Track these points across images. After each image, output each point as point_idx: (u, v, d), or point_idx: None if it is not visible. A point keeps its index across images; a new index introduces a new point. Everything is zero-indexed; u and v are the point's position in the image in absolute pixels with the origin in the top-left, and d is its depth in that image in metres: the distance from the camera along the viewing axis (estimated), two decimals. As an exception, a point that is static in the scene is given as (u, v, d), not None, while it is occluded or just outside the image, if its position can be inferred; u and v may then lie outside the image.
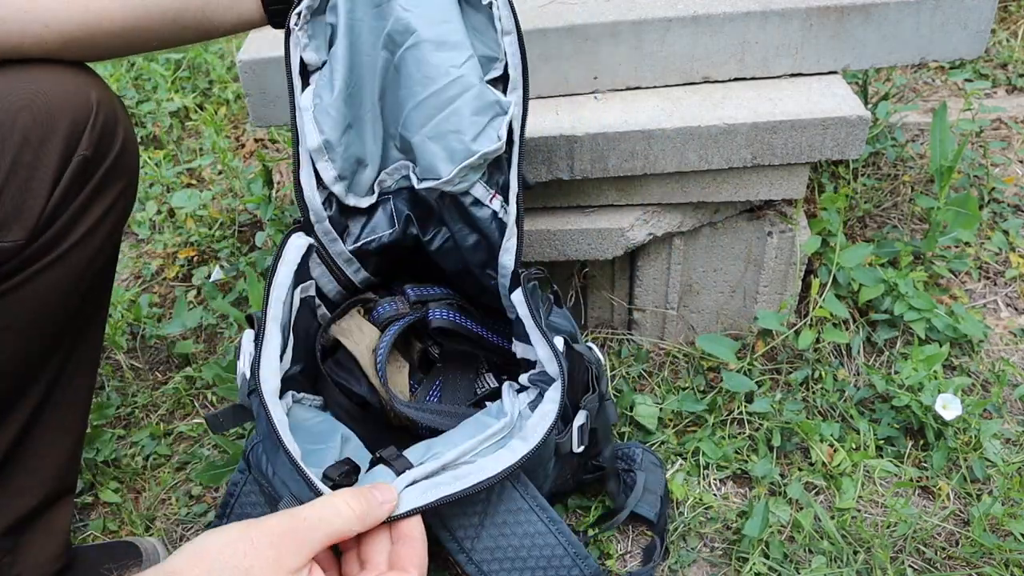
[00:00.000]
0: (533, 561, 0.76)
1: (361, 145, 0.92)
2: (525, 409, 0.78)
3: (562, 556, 0.76)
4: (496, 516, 0.75)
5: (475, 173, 0.88)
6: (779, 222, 1.17)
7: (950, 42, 1.08)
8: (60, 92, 0.78)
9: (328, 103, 0.88)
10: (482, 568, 0.75)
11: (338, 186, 0.93)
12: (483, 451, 0.74)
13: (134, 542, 1.06)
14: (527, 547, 0.76)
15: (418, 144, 0.89)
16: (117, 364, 1.37)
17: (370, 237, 0.98)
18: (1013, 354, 1.24)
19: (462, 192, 0.90)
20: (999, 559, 0.97)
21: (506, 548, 0.75)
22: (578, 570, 0.77)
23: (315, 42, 0.87)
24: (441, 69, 0.85)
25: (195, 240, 1.58)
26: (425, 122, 0.87)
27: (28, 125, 0.75)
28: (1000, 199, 1.46)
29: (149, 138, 1.91)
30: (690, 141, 1.05)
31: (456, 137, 0.86)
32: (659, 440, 1.15)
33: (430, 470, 0.72)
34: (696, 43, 1.08)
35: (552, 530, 0.76)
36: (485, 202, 0.90)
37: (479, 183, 0.89)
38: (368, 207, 0.97)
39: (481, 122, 0.86)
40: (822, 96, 1.06)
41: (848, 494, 1.05)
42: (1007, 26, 1.88)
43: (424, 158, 0.89)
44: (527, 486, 0.76)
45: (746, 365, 1.20)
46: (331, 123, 0.88)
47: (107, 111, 0.82)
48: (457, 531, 0.74)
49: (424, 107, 0.87)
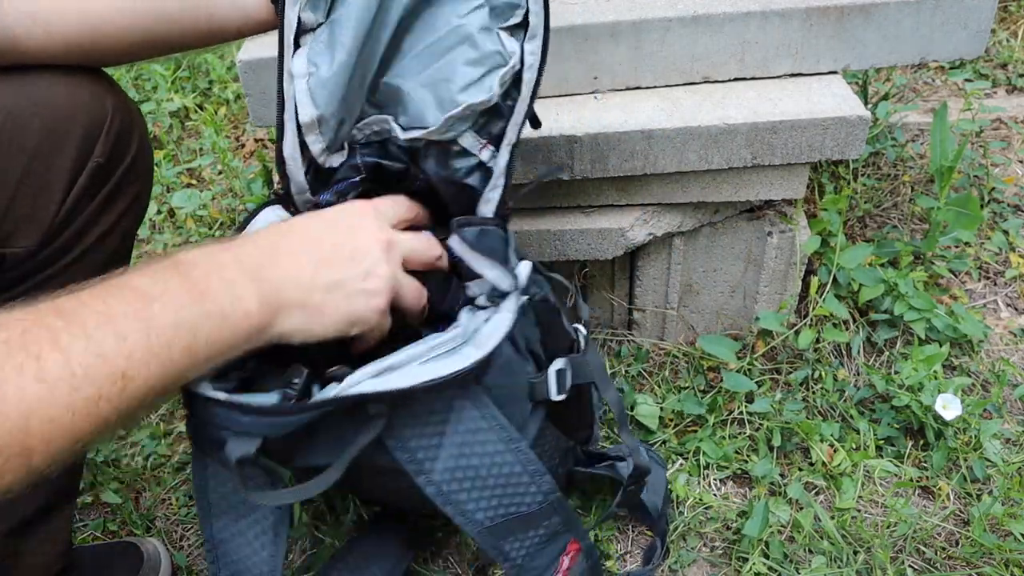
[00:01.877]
0: (492, 480, 0.76)
1: (347, 109, 0.88)
2: (482, 324, 0.76)
3: (520, 474, 0.76)
4: (455, 436, 0.74)
5: (463, 123, 0.85)
6: (779, 222, 1.17)
7: (950, 42, 1.08)
8: (75, 99, 0.78)
9: (326, 76, 0.84)
10: (442, 488, 0.74)
11: (323, 156, 0.89)
12: (434, 358, 0.71)
13: (134, 542, 1.06)
14: (486, 466, 0.75)
15: (409, 91, 0.85)
16: (117, 364, 1.37)
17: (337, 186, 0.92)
18: (1013, 354, 1.24)
19: (449, 141, 0.86)
20: (999, 559, 0.97)
21: (466, 468, 0.75)
22: (535, 487, 0.78)
23: (314, 1, 0.82)
24: (444, 19, 0.83)
25: (195, 240, 1.58)
26: (420, 70, 0.85)
27: (42, 132, 0.75)
28: (1000, 199, 1.46)
29: (149, 138, 1.91)
30: (690, 141, 1.05)
31: (446, 86, 0.83)
32: (659, 440, 1.15)
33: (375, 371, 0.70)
34: (696, 43, 1.08)
35: (511, 448, 0.75)
36: (473, 151, 0.86)
37: (468, 132, 0.86)
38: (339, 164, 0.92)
39: (474, 73, 0.83)
40: (822, 96, 1.06)
41: (848, 494, 1.05)
42: (1007, 26, 1.89)
43: (413, 106, 0.85)
44: (487, 406, 0.74)
45: (746, 365, 1.20)
46: (327, 97, 0.84)
47: (123, 117, 0.82)
48: (417, 452, 0.73)
49: (421, 56, 0.84)
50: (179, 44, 0.85)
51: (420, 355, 0.71)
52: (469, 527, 0.76)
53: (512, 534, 0.79)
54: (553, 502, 0.79)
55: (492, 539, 0.78)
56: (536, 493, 0.78)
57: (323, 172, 0.91)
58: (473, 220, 0.84)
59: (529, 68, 0.83)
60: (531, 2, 0.81)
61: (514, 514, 0.78)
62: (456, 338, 0.73)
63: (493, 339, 0.72)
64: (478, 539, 0.77)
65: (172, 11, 0.81)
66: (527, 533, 0.80)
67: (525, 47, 0.82)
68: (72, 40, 0.78)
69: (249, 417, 0.66)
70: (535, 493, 0.78)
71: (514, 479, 0.76)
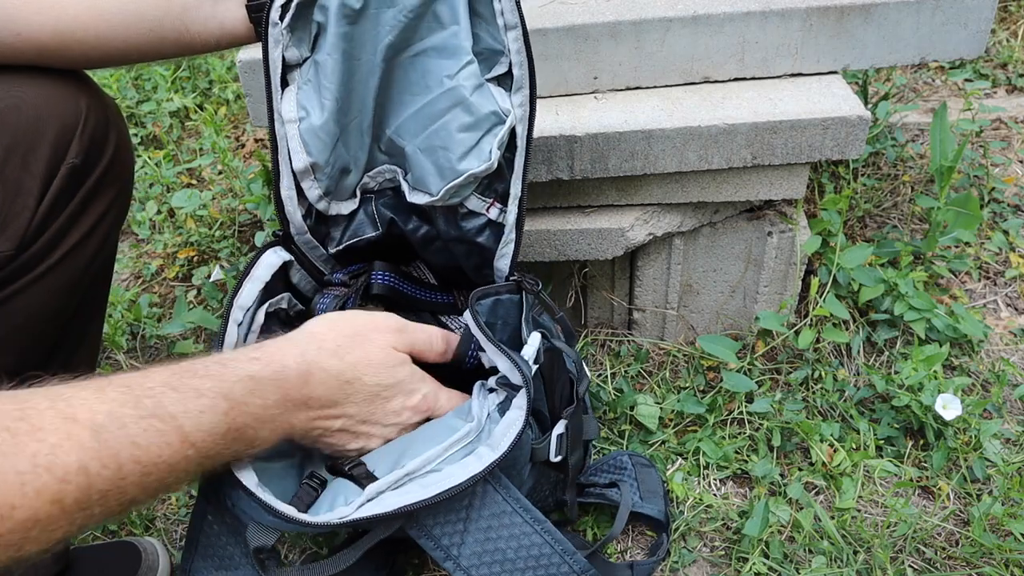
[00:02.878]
0: (522, 562, 0.76)
1: (346, 153, 0.88)
2: (495, 412, 0.77)
3: (550, 555, 0.76)
4: (480, 521, 0.75)
5: (466, 189, 0.86)
6: (779, 222, 1.17)
7: (950, 42, 1.08)
8: (46, 100, 0.76)
9: (317, 124, 0.83)
10: (470, 573, 0.75)
11: (322, 203, 0.89)
12: (449, 458, 0.73)
13: (134, 542, 1.06)
14: (514, 548, 0.76)
15: (411, 154, 0.86)
16: (117, 364, 1.37)
17: (353, 240, 0.94)
18: (1013, 354, 1.24)
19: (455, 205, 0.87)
20: (999, 559, 0.97)
21: (493, 552, 0.75)
22: (567, 567, 0.77)
23: (297, 35, 0.81)
24: (436, 78, 0.82)
25: (195, 240, 1.58)
26: (418, 132, 0.85)
27: (13, 134, 0.74)
28: (1000, 199, 1.46)
29: (149, 138, 1.91)
30: (690, 141, 1.05)
31: (444, 154, 0.83)
32: (659, 440, 1.15)
33: (394, 480, 0.71)
34: (696, 43, 1.08)
35: (537, 530, 0.76)
36: (480, 211, 0.87)
37: (473, 196, 0.87)
38: (349, 212, 0.93)
39: (471, 139, 0.82)
40: (822, 96, 1.06)
41: (848, 494, 1.05)
42: (1007, 26, 1.89)
43: (416, 170, 0.86)
44: (508, 488, 0.75)
45: (746, 365, 1.20)
46: (320, 145, 0.84)
47: (97, 117, 0.80)
48: (442, 539, 0.74)
49: (418, 117, 0.84)
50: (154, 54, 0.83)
51: (437, 456, 0.73)
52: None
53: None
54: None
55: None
56: (569, 573, 0.77)
57: (328, 218, 0.92)
58: (489, 291, 0.85)
59: (520, 121, 0.82)
60: (512, 53, 0.80)
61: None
62: (470, 434, 0.74)
63: (507, 440, 0.73)
64: None
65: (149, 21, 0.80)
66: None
67: (513, 100, 0.82)
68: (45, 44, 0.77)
69: (272, 518, 0.68)
70: (568, 573, 0.77)
71: (544, 560, 0.76)
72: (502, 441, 0.73)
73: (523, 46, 0.79)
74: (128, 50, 0.82)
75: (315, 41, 0.82)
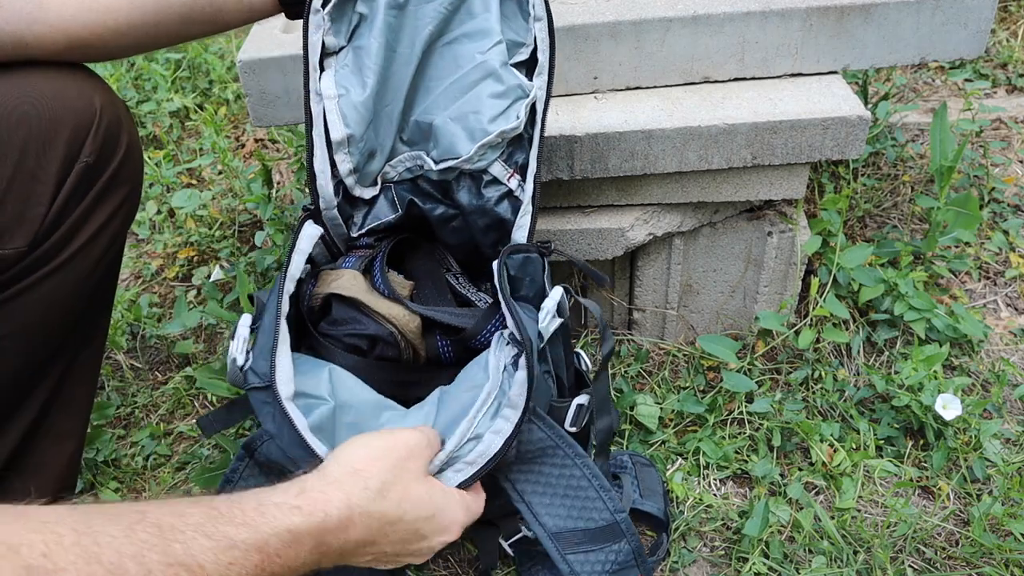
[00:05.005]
0: (561, 490, 0.81)
1: (375, 138, 0.93)
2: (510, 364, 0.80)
3: (587, 487, 0.81)
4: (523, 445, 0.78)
5: (494, 151, 0.91)
6: (779, 222, 1.17)
7: (950, 42, 1.08)
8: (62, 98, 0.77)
9: (358, 100, 0.89)
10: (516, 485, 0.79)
11: (351, 178, 0.94)
12: (480, 423, 0.76)
13: None
14: (555, 475, 0.80)
15: (439, 126, 0.91)
16: (117, 364, 1.37)
17: (374, 223, 0.99)
18: (1013, 354, 1.24)
19: (480, 170, 0.92)
20: (999, 559, 0.97)
21: (538, 473, 0.80)
22: (601, 501, 0.81)
23: (336, 25, 0.88)
24: (468, 56, 0.89)
25: (195, 240, 1.58)
26: (448, 104, 0.91)
27: (30, 132, 0.74)
28: (1000, 199, 1.46)
29: (149, 138, 1.91)
30: (690, 141, 1.05)
31: (475, 118, 0.89)
32: (659, 440, 1.15)
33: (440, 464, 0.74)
34: (696, 43, 1.08)
35: (578, 463, 0.80)
36: (503, 180, 0.92)
37: (498, 162, 0.91)
38: (371, 197, 0.98)
39: (501, 105, 0.89)
40: (822, 96, 1.06)
41: (848, 494, 1.05)
42: (1007, 26, 1.89)
43: (444, 139, 0.91)
44: (553, 426, 0.79)
45: (746, 365, 1.20)
46: (358, 118, 0.90)
47: (110, 117, 0.81)
48: None
49: (449, 91, 0.90)
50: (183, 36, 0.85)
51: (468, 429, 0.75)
52: (538, 530, 0.79)
53: (579, 548, 0.81)
54: (621, 522, 0.82)
55: (559, 549, 0.81)
56: (603, 509, 0.81)
57: (353, 199, 0.97)
58: (519, 247, 0.89)
59: (540, 100, 0.89)
60: (538, 40, 0.88)
61: (582, 528, 0.81)
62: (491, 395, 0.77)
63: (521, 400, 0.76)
64: (547, 547, 0.80)
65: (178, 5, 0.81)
66: (596, 552, 0.82)
67: (535, 82, 0.89)
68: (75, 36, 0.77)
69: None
70: (601, 509, 0.81)
71: (581, 492, 0.81)
72: (519, 400, 0.76)
73: (548, 35, 0.87)
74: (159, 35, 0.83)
75: (353, 32, 0.89)
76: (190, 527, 0.56)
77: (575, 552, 0.81)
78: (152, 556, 0.53)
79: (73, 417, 0.93)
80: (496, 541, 0.98)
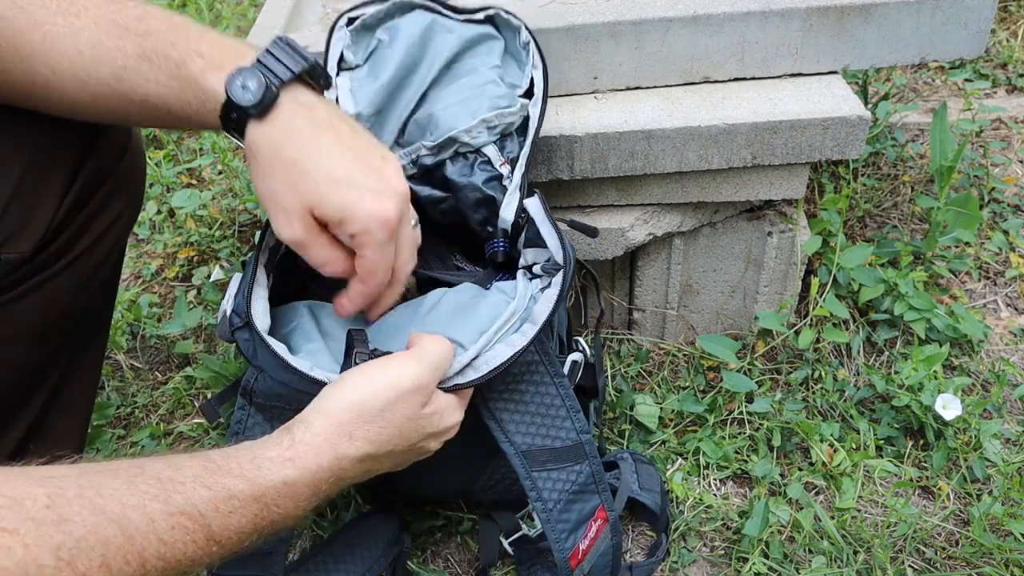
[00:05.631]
0: (534, 407, 0.83)
1: (380, 133, 0.96)
2: (537, 292, 0.83)
3: (559, 407, 0.84)
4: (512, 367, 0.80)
5: (491, 133, 0.93)
6: (779, 222, 1.17)
7: (950, 42, 1.08)
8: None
9: (370, 88, 0.93)
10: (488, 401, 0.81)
11: None
12: (501, 338, 0.79)
13: None
14: (531, 393, 0.83)
15: (440, 111, 0.93)
16: (117, 364, 1.37)
17: None
18: (1013, 354, 1.24)
19: (476, 149, 0.93)
20: (999, 559, 0.97)
21: (512, 391, 0.82)
22: (570, 421, 0.84)
23: (355, 47, 0.93)
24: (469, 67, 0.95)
25: (195, 240, 1.58)
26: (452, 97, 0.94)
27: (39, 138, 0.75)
28: (1000, 199, 1.46)
29: (149, 138, 1.91)
30: (690, 141, 1.05)
31: (478, 102, 0.93)
32: (659, 440, 1.15)
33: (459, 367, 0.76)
34: (696, 43, 1.08)
35: (556, 383, 0.83)
36: (495, 164, 0.94)
37: (492, 145, 0.93)
38: None
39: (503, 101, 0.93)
40: (822, 96, 1.06)
41: (848, 494, 1.05)
42: (1007, 26, 1.89)
43: (445, 122, 0.93)
44: (543, 342, 0.81)
45: (746, 365, 1.20)
46: (367, 101, 0.93)
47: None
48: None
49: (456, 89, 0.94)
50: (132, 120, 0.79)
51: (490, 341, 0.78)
52: (507, 447, 0.83)
53: (545, 467, 0.85)
54: (585, 443, 0.86)
55: (526, 467, 0.84)
56: (570, 429, 0.85)
57: None
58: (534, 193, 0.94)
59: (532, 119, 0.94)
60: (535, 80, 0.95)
61: (548, 447, 0.84)
62: (515, 314, 0.80)
63: (544, 314, 0.80)
64: (515, 464, 0.83)
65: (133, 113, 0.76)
66: (559, 472, 0.85)
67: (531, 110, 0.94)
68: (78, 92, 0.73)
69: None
70: (569, 428, 0.84)
71: (552, 411, 0.84)
72: (540, 316, 0.79)
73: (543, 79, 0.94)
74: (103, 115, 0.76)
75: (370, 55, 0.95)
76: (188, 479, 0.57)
77: (540, 470, 0.84)
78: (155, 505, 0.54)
79: (73, 419, 0.93)
80: (496, 538, 0.99)
